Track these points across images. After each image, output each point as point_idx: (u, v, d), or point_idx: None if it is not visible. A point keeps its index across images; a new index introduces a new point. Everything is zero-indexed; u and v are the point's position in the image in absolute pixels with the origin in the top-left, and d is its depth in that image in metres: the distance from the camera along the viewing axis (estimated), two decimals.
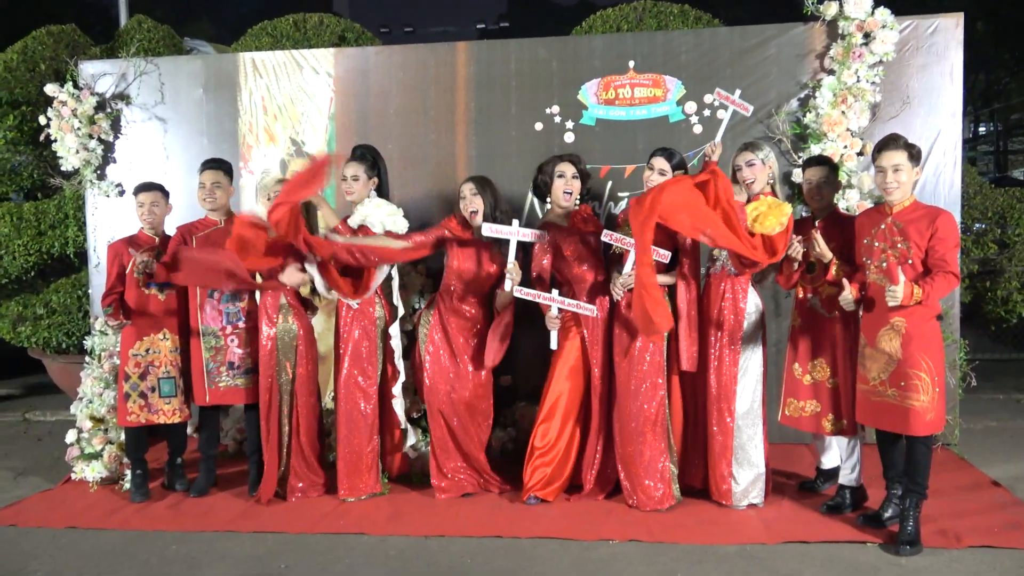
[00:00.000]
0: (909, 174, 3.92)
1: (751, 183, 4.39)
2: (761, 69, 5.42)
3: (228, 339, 4.79)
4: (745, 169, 4.40)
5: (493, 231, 4.52)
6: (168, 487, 5.00)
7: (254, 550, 4.10)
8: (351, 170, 4.77)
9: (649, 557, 3.91)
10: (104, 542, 4.24)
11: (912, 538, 3.90)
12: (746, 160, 4.40)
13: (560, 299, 4.52)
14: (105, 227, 6.02)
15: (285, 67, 5.87)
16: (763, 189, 4.40)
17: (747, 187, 4.41)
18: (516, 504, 4.59)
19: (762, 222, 4.20)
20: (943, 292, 3.83)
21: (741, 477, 4.41)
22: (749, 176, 4.39)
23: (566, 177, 4.67)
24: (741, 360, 4.41)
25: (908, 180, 3.93)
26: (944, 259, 3.82)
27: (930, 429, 3.89)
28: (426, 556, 3.98)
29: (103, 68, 6.05)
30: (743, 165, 4.41)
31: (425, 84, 5.72)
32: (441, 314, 4.76)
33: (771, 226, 4.19)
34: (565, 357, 4.60)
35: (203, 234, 4.80)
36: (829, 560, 3.84)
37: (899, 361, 3.88)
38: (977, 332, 6.80)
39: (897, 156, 3.91)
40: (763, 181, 4.40)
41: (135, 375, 4.76)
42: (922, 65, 5.33)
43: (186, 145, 5.98)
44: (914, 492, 3.96)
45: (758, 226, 4.23)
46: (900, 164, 3.90)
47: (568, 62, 5.57)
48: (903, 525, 3.94)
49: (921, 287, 3.78)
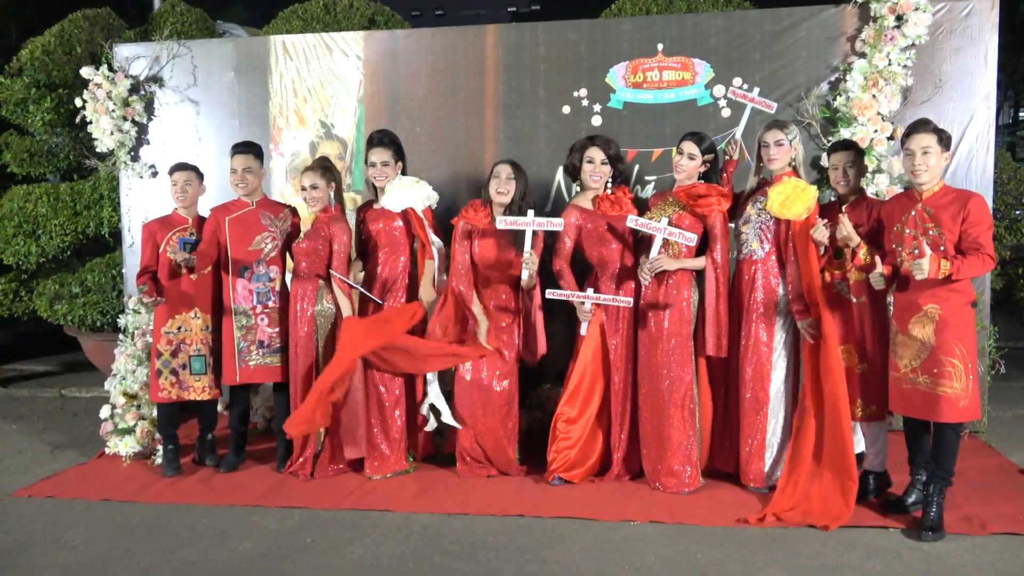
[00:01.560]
0: (938, 158, 3.89)
1: (774, 161, 4.38)
2: (791, 52, 5.39)
3: (258, 318, 4.88)
4: (772, 147, 4.38)
5: (508, 223, 4.54)
6: (199, 462, 5.12)
7: (281, 525, 4.19)
8: (379, 156, 4.83)
9: (670, 538, 3.95)
10: (137, 514, 4.36)
11: (935, 524, 3.90)
12: (775, 139, 4.37)
13: (594, 295, 4.52)
14: (139, 207, 6.13)
15: (315, 50, 5.92)
16: (784, 170, 4.39)
17: (768, 163, 4.40)
18: (540, 484, 4.64)
19: (789, 207, 4.18)
20: (976, 271, 3.79)
21: (770, 459, 4.43)
22: (774, 155, 4.37)
23: (595, 163, 4.67)
24: (775, 344, 4.42)
25: (937, 164, 3.90)
26: (978, 241, 3.79)
27: (963, 416, 3.87)
28: (449, 533, 4.05)
29: (137, 51, 6.14)
30: (770, 143, 4.38)
31: (454, 67, 5.75)
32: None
33: (798, 211, 4.19)
34: (588, 339, 4.63)
35: (235, 215, 4.88)
36: (851, 544, 3.85)
37: (932, 348, 3.87)
38: (1008, 319, 6.73)
39: (926, 139, 3.88)
40: (785, 162, 4.38)
41: (167, 352, 4.86)
42: (956, 48, 5.26)
43: (218, 127, 6.06)
44: (939, 478, 3.95)
45: (785, 211, 4.22)
46: (929, 147, 3.87)
47: (596, 45, 5.57)
48: (926, 510, 3.94)
49: (950, 261, 3.75)
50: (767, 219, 4.40)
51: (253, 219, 4.89)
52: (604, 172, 4.68)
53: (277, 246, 4.91)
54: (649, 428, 4.54)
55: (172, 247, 4.72)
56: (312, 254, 4.76)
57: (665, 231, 4.38)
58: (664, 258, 4.44)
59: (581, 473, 4.67)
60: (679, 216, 4.49)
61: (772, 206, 4.27)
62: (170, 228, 4.89)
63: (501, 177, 4.69)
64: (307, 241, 4.79)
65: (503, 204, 4.69)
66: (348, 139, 5.91)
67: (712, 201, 4.44)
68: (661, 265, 4.42)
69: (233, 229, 4.86)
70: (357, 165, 5.85)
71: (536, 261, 4.57)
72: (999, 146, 5.45)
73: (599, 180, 4.68)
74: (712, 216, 4.46)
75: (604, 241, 4.64)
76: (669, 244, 4.48)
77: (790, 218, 4.24)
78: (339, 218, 4.82)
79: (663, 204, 4.60)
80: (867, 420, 4.35)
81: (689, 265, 4.48)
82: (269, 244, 4.89)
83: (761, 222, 4.43)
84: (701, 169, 4.53)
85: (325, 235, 4.76)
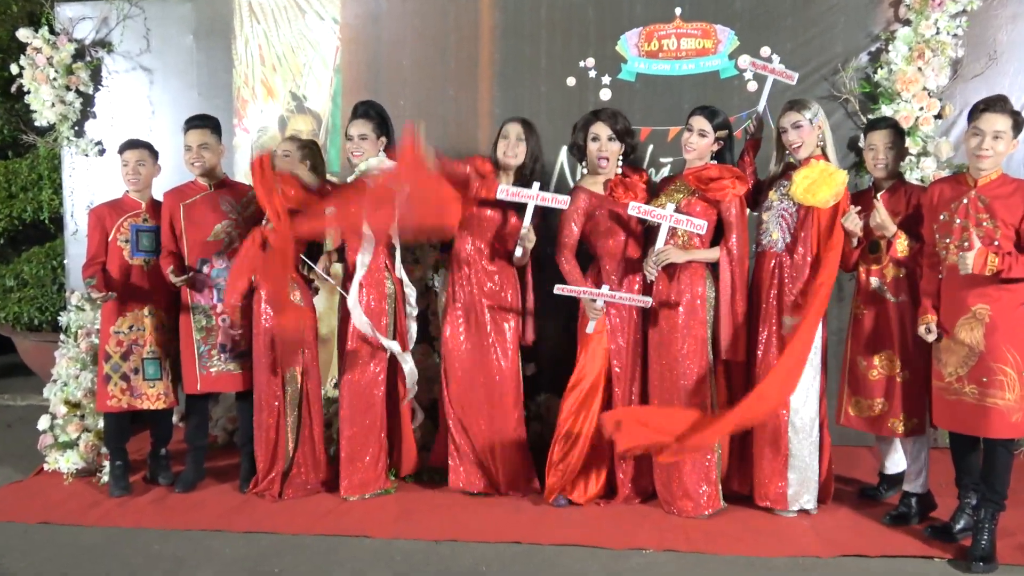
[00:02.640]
0: (1007, 144, 3.90)
1: (798, 147, 4.38)
2: (827, 19, 5.40)
3: (219, 318, 4.87)
4: (791, 132, 4.38)
5: (510, 195, 4.55)
6: (151, 480, 5.10)
7: (246, 551, 4.18)
8: (358, 129, 4.83)
9: (687, 568, 3.96)
10: (81, 538, 4.35)
11: (986, 553, 3.91)
12: (792, 122, 4.38)
13: (609, 293, 4.52)
14: (83, 190, 6.12)
15: (286, 12, 5.92)
16: (812, 153, 4.40)
17: (794, 151, 4.41)
18: (539, 506, 4.66)
19: (815, 192, 4.20)
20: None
21: (793, 480, 4.44)
22: (796, 140, 4.37)
23: (600, 140, 4.66)
24: None
25: (1005, 151, 3.91)
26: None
27: (1016, 432, 3.89)
28: (436, 561, 4.05)
29: (82, 11, 6.11)
30: (788, 127, 4.39)
31: (444, 33, 5.74)
32: (455, 281, 4.83)
33: (824, 198, 4.20)
34: (596, 342, 4.64)
35: (192, 200, 4.87)
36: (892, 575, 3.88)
37: (981, 354, 3.89)
38: None
39: (1001, 121, 3.87)
40: (812, 145, 4.38)
41: (117, 355, 4.85)
42: (1013, 15, 5.27)
43: (174, 99, 6.05)
44: (991, 501, 3.97)
45: (810, 197, 4.23)
46: (1002, 131, 3.87)
47: (606, 9, 5.57)
48: (976, 538, 3.96)
49: (1000, 256, 3.77)
50: (790, 205, 4.41)
51: (211, 205, 4.88)
52: (612, 150, 4.68)
53: (239, 235, 4.90)
54: None
55: (124, 235, 4.71)
56: None
57: (671, 218, 4.40)
58: (671, 249, 4.45)
59: (586, 494, 4.68)
60: (689, 202, 4.49)
61: (796, 191, 4.28)
62: (121, 214, 4.88)
63: (511, 138, 4.71)
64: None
65: (511, 168, 4.72)
66: (323, 113, 5.91)
67: (725, 184, 4.44)
68: (668, 257, 4.43)
69: (189, 217, 4.85)
70: (334, 143, 5.85)
71: (533, 239, 4.61)
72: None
73: (607, 160, 4.68)
74: (726, 201, 4.47)
75: (613, 232, 4.66)
76: (677, 233, 4.49)
77: (815, 205, 4.25)
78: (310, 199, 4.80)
79: (671, 189, 4.60)
80: (909, 435, 4.37)
81: (700, 257, 4.50)
82: (231, 233, 4.89)
83: (783, 208, 4.44)
84: (714, 148, 4.53)
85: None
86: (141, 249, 4.88)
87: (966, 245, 3.88)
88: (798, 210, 4.38)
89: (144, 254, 4.88)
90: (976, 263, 3.77)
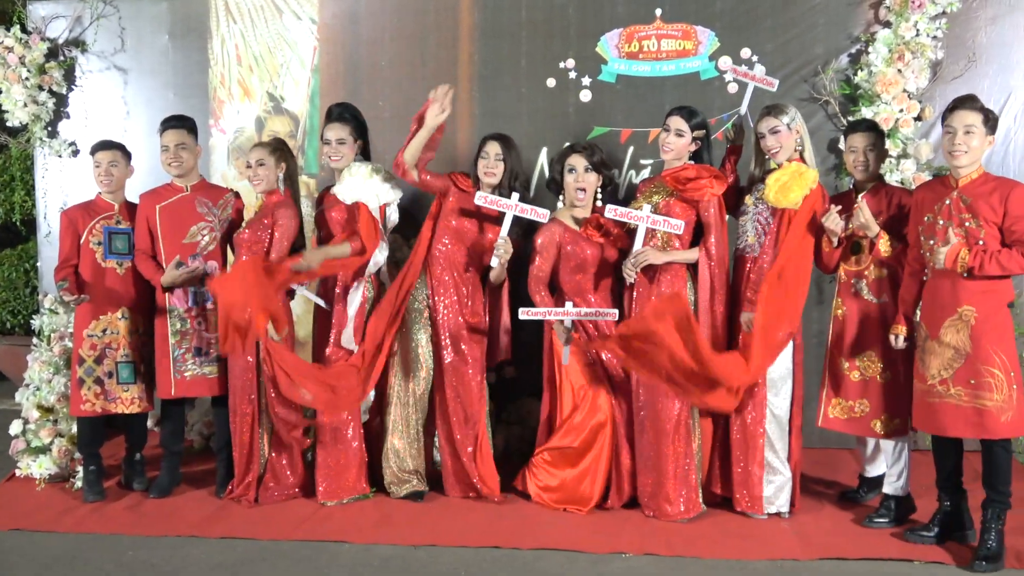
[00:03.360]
0: (981, 140, 3.92)
1: (776, 152, 4.38)
2: (807, 20, 5.42)
3: (195, 321, 4.84)
4: (769, 137, 4.39)
5: (488, 202, 4.56)
6: (125, 486, 5.06)
7: (223, 558, 4.15)
8: (335, 133, 4.81)
9: (667, 572, 3.96)
10: (54, 546, 4.30)
11: (991, 553, 3.91)
12: (770, 127, 4.38)
13: (574, 311, 4.54)
14: (56, 191, 6.08)
15: (263, 11, 5.89)
16: (791, 157, 4.40)
17: (772, 156, 4.42)
18: (519, 511, 4.65)
19: (786, 194, 4.22)
20: (1012, 268, 3.82)
21: (768, 483, 4.46)
22: (774, 145, 4.37)
23: (577, 171, 4.67)
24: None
25: (979, 147, 3.92)
26: (1020, 239, 3.82)
27: (1007, 432, 3.91)
28: (415, 567, 4.03)
29: (55, 10, 6.07)
30: (767, 132, 4.39)
31: (423, 33, 5.74)
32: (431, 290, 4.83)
33: (795, 198, 4.22)
34: (571, 366, 4.66)
35: (167, 203, 4.84)
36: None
37: (968, 356, 3.90)
38: None
39: (970, 117, 3.89)
40: (790, 149, 4.38)
41: (90, 359, 4.81)
42: (992, 17, 5.31)
43: (149, 99, 6.02)
44: (996, 502, 3.98)
45: (782, 199, 4.25)
46: (973, 126, 3.89)
47: (587, 9, 5.58)
48: (983, 537, 3.96)
49: (974, 252, 3.81)
50: (765, 209, 4.43)
51: (188, 207, 4.85)
52: (590, 181, 4.68)
53: (216, 238, 4.87)
54: (646, 448, 4.54)
55: (96, 237, 4.67)
56: (256, 245, 4.73)
57: (648, 219, 4.40)
58: (649, 250, 4.45)
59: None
60: (667, 203, 4.50)
61: (768, 194, 4.30)
62: (94, 216, 4.84)
63: (489, 157, 4.72)
64: (249, 230, 4.75)
65: (491, 185, 4.73)
66: (300, 114, 5.89)
67: (703, 184, 4.44)
68: (647, 258, 4.43)
69: (165, 219, 4.82)
70: (311, 144, 5.83)
71: (510, 251, 4.60)
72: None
73: (584, 194, 4.68)
74: (704, 201, 4.47)
75: (581, 269, 4.67)
76: (656, 235, 4.49)
77: (788, 206, 4.26)
78: (287, 203, 4.78)
79: (649, 191, 4.60)
80: (891, 436, 4.39)
81: (679, 258, 4.50)
82: (206, 236, 4.85)
83: (758, 212, 4.46)
84: (691, 147, 4.53)
85: (269, 223, 4.72)
86: (114, 252, 4.84)
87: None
88: (772, 212, 4.39)
89: (117, 256, 4.84)
90: (948, 258, 3.81)
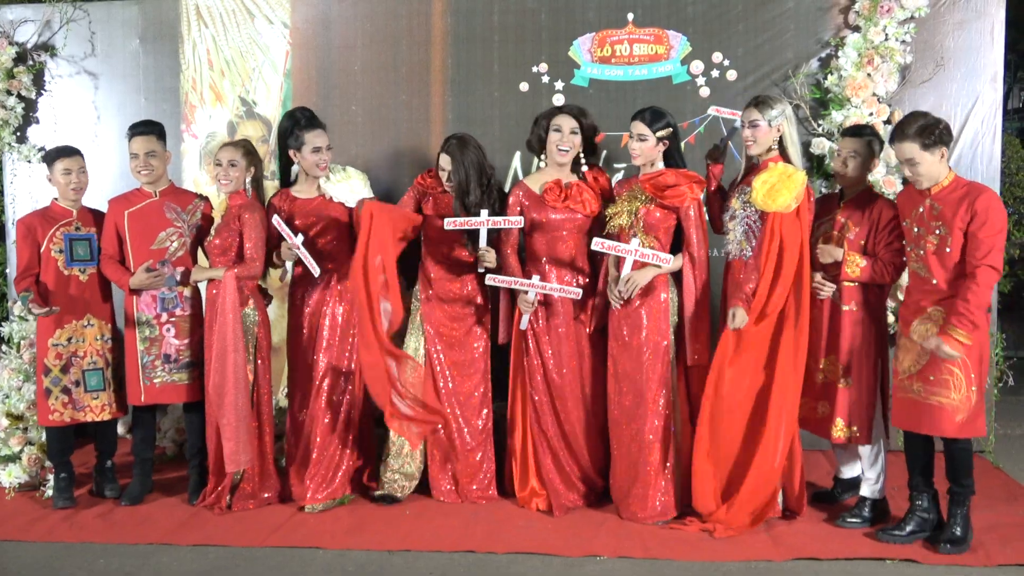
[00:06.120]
0: (929, 163, 3.96)
1: (750, 145, 4.38)
2: (778, 24, 5.48)
3: (164, 328, 4.82)
4: (747, 128, 4.38)
5: (458, 225, 4.61)
6: (96, 494, 5.03)
7: (196, 565, 4.14)
8: (324, 140, 4.81)
9: (643, 575, 3.99)
10: (24, 555, 4.28)
11: (956, 537, 4.06)
12: (750, 119, 4.36)
13: (540, 284, 4.59)
14: (25, 197, 6.05)
15: (234, 15, 5.88)
16: (770, 155, 4.38)
17: (746, 147, 4.42)
18: (494, 515, 4.67)
19: (774, 198, 4.18)
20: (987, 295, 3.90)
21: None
22: (749, 137, 4.37)
23: (563, 132, 4.67)
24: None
25: (931, 167, 3.97)
26: (979, 249, 3.86)
27: (961, 432, 3.98)
28: (390, 572, 4.04)
29: (24, 14, 6.04)
30: (746, 123, 4.39)
31: (396, 37, 5.75)
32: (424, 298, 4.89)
33: (785, 202, 4.19)
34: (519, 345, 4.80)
35: (135, 209, 4.82)
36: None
37: (931, 353, 3.97)
38: (1016, 326, 6.89)
39: (907, 149, 3.96)
40: (765, 145, 4.36)
41: (56, 368, 4.78)
42: (959, 22, 5.39)
43: (120, 104, 6.00)
44: (959, 492, 4.10)
45: (771, 203, 4.21)
46: (912, 158, 3.96)
47: (559, 13, 5.62)
48: (949, 523, 4.11)
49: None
50: (753, 213, 4.38)
51: (156, 212, 4.83)
52: (574, 143, 4.69)
53: (185, 244, 4.86)
54: (621, 449, 4.58)
55: (57, 245, 4.67)
56: (228, 251, 4.72)
57: (636, 253, 4.42)
58: (636, 275, 4.46)
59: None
60: (648, 210, 4.50)
61: (756, 198, 4.25)
62: (53, 223, 4.80)
63: (446, 171, 4.74)
64: (219, 237, 4.74)
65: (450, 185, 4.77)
66: (273, 119, 5.88)
67: (683, 191, 4.44)
68: (636, 284, 4.45)
69: (133, 224, 4.80)
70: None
71: (493, 258, 4.63)
72: (1007, 132, 5.59)
73: (566, 153, 4.69)
74: (684, 207, 4.49)
75: (547, 231, 4.72)
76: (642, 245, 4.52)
77: (777, 210, 4.22)
78: (253, 205, 4.77)
79: (629, 195, 4.60)
80: (849, 443, 4.43)
81: (665, 270, 4.51)
82: (175, 242, 4.83)
83: (746, 216, 4.42)
84: (658, 148, 4.52)
85: (236, 227, 4.72)
86: (76, 259, 4.81)
87: (922, 253, 4.02)
88: (761, 216, 4.34)
89: (80, 263, 4.81)
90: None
